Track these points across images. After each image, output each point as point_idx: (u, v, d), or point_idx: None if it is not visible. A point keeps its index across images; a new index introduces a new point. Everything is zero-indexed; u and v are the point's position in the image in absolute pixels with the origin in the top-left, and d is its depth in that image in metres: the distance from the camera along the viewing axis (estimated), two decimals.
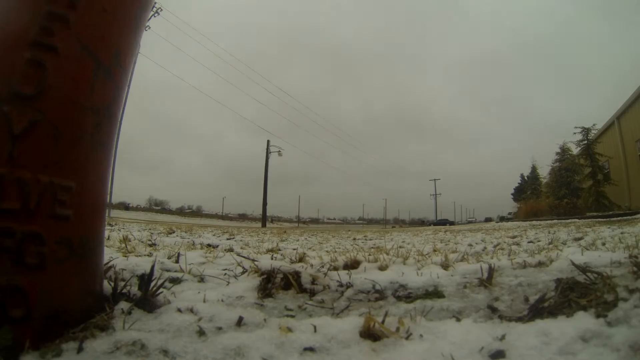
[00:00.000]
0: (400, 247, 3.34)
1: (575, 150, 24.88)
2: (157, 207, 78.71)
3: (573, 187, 24.84)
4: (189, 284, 1.28)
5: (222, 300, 1.06)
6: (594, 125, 21.25)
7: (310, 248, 3.76)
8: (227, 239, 4.75)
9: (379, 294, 1.14)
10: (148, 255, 1.74)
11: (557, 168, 28.49)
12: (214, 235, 5.68)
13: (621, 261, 1.16)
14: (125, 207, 63.25)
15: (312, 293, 1.18)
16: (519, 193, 43.73)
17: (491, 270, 1.16)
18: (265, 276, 1.23)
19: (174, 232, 5.58)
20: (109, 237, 2.88)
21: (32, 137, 0.68)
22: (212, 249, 2.62)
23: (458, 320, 0.90)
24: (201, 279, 1.34)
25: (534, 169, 42.30)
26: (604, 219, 10.59)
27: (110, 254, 1.53)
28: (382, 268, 1.49)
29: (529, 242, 3.87)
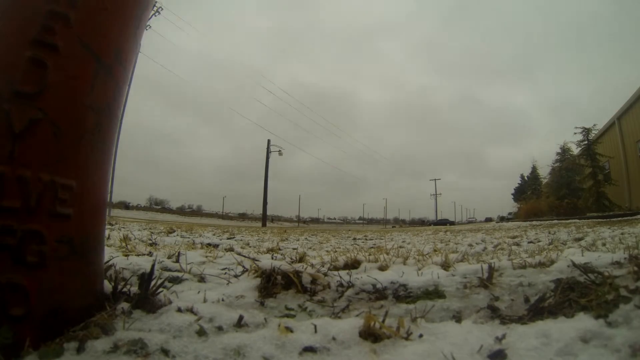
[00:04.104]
0: (401, 247, 3.34)
1: (575, 150, 24.85)
2: (158, 206, 78.72)
3: (573, 188, 24.80)
4: (189, 283, 1.28)
5: (223, 300, 1.06)
6: (594, 125, 21.23)
7: (310, 248, 3.76)
8: (228, 239, 4.75)
9: (380, 294, 1.14)
10: (148, 255, 1.74)
11: (558, 168, 28.47)
12: (214, 234, 5.69)
13: (621, 262, 1.16)
14: (125, 206, 63.25)
15: (313, 293, 1.18)
16: (519, 193, 43.70)
17: (491, 270, 1.16)
18: (265, 276, 1.23)
19: (174, 232, 5.58)
20: (109, 236, 2.88)
21: (33, 136, 0.67)
22: (213, 249, 2.63)
23: (458, 320, 0.90)
24: (201, 279, 1.34)
25: (534, 169, 42.26)
26: (605, 220, 10.58)
27: (111, 253, 1.53)
28: (383, 268, 1.49)
29: (529, 243, 3.87)
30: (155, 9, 23.40)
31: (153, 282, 0.90)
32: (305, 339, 0.71)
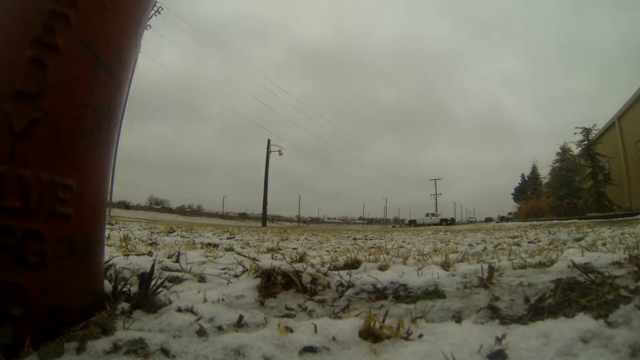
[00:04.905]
0: (401, 247, 3.34)
1: (575, 150, 24.80)
2: (158, 206, 78.69)
3: (573, 188, 24.79)
4: (189, 283, 1.28)
5: (223, 300, 1.06)
6: (594, 125, 21.17)
7: (310, 247, 3.76)
8: (228, 238, 4.76)
9: (380, 294, 1.14)
10: (148, 255, 1.74)
11: (558, 168, 28.48)
12: (214, 234, 5.69)
13: (621, 262, 1.16)
14: (125, 206, 63.22)
15: (313, 292, 1.18)
16: (520, 193, 43.70)
17: (491, 270, 1.16)
18: (265, 275, 1.23)
19: (174, 231, 5.58)
20: (109, 236, 2.88)
21: (33, 136, 0.68)
22: (213, 248, 2.63)
23: (458, 320, 0.90)
24: (201, 278, 1.34)
25: (534, 169, 42.24)
26: (605, 220, 10.59)
27: (111, 253, 1.53)
28: (383, 268, 1.49)
29: (529, 243, 3.87)
30: (155, 9, 23.39)
31: (153, 282, 0.90)
32: (305, 339, 0.71)
